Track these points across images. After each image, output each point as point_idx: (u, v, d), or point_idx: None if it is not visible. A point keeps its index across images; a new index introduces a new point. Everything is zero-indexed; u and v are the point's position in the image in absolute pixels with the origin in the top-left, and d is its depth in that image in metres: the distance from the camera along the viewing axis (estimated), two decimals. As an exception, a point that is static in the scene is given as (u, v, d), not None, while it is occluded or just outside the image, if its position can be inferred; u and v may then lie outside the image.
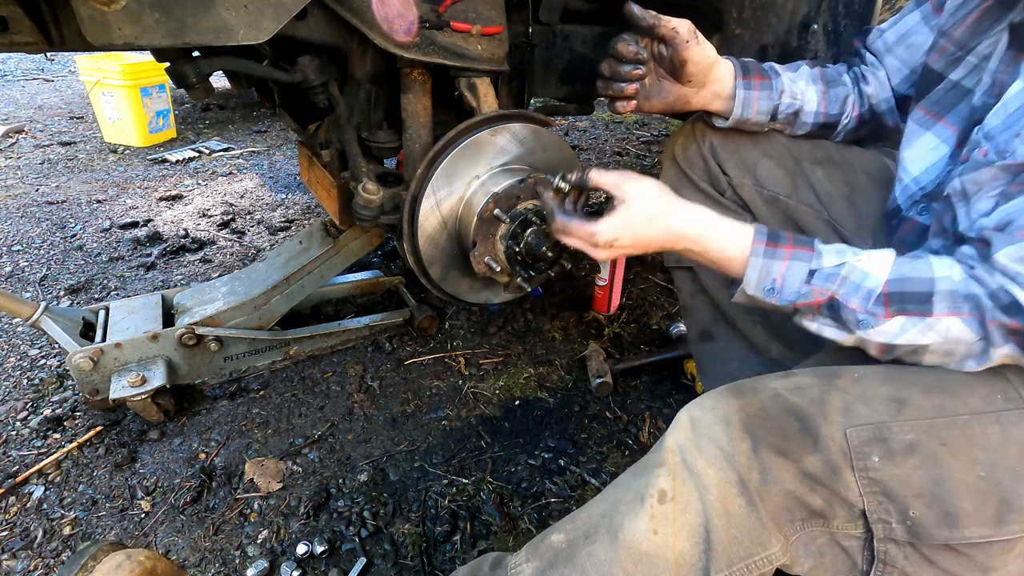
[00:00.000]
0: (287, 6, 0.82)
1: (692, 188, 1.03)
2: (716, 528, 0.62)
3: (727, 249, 0.72)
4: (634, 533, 0.64)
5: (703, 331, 1.12)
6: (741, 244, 0.71)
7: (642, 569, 0.63)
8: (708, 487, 0.63)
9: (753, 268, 0.71)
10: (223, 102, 4.05)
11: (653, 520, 0.64)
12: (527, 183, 1.09)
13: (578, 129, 3.74)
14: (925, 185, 0.82)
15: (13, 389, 1.39)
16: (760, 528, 0.62)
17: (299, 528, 1.08)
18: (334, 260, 1.43)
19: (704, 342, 1.12)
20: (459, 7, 1.02)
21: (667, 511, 0.64)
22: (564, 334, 1.65)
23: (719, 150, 0.99)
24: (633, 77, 0.87)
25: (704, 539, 0.63)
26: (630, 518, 0.66)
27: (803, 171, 0.95)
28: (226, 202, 2.49)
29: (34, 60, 5.25)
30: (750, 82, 0.90)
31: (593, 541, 0.67)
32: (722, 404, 0.66)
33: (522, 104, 1.27)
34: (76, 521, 1.08)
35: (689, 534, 0.63)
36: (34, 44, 0.82)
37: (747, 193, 0.98)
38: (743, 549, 0.62)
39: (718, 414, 0.65)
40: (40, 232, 2.17)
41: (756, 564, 0.63)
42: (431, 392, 1.42)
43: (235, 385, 1.41)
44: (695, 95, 0.91)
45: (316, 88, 1.06)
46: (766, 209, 0.98)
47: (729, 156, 0.98)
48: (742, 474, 0.62)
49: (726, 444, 0.63)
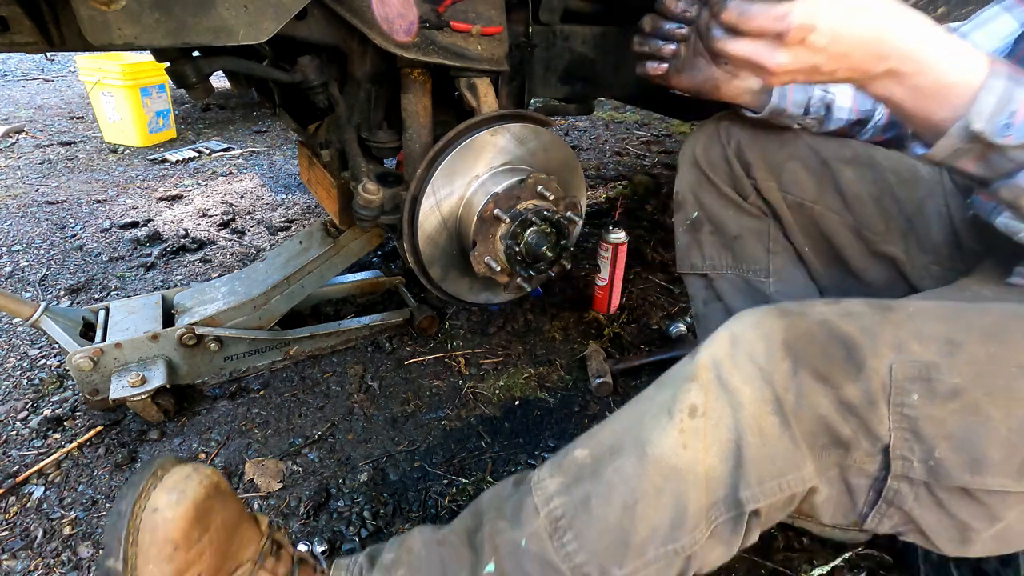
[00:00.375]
0: (287, 6, 0.82)
1: (713, 191, 1.01)
2: (749, 445, 0.61)
3: (949, 72, 0.56)
4: (662, 447, 0.63)
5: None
6: (971, 64, 0.56)
7: (671, 484, 0.62)
8: (743, 404, 0.61)
9: (991, 93, 0.55)
10: (223, 102, 4.06)
11: (683, 435, 0.62)
12: (527, 183, 1.09)
13: (578, 129, 3.74)
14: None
15: (13, 389, 1.39)
16: (794, 449, 0.61)
17: (299, 528, 1.08)
18: (334, 260, 1.43)
19: None
20: (459, 7, 1.02)
21: (697, 426, 0.62)
22: (564, 334, 1.65)
23: (746, 152, 0.96)
24: (676, 36, 0.82)
25: (735, 455, 0.61)
26: (658, 432, 0.64)
27: (830, 172, 0.93)
28: (226, 202, 2.49)
29: (34, 60, 5.25)
30: None
31: (619, 456, 0.66)
32: (767, 322, 0.64)
33: (522, 104, 1.27)
34: (76, 521, 1.08)
35: (720, 450, 0.62)
36: (34, 44, 0.82)
37: (773, 197, 0.96)
38: (776, 468, 0.61)
39: (761, 331, 0.63)
40: (40, 232, 2.17)
41: (789, 483, 0.62)
42: (431, 392, 1.42)
43: (235, 385, 1.41)
44: (726, 82, 0.88)
45: (316, 88, 1.06)
46: (791, 214, 0.96)
47: (756, 157, 0.96)
48: (779, 394, 0.61)
49: (765, 363, 0.61)
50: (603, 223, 2.03)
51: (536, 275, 1.17)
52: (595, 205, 2.50)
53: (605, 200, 2.57)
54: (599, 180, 2.84)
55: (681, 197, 1.09)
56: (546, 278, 1.22)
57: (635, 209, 2.43)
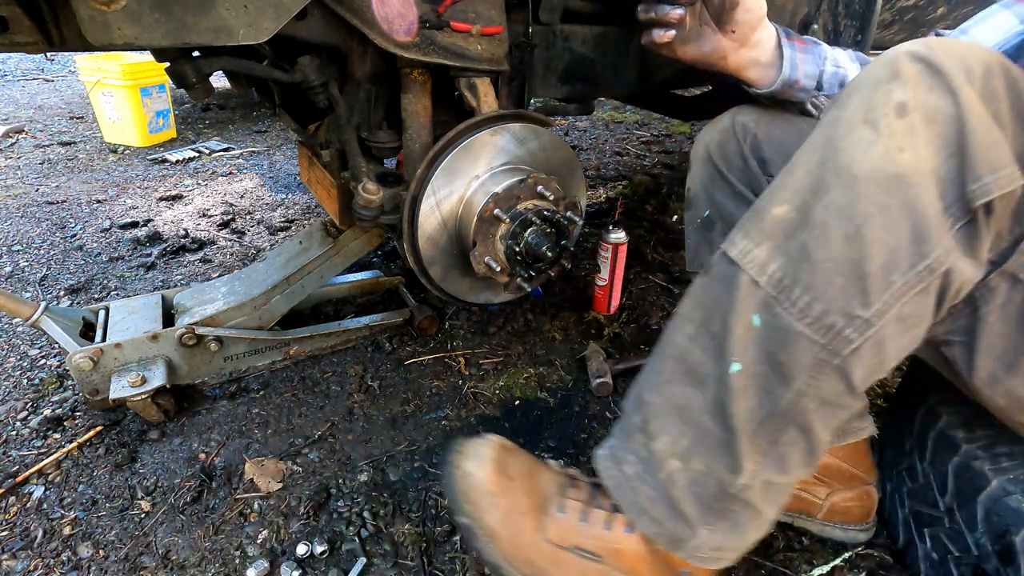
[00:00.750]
0: (287, 6, 0.82)
1: (727, 189, 0.99)
2: (974, 131, 0.53)
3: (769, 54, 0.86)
4: (873, 161, 0.55)
5: None
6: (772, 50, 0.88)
7: (897, 194, 0.54)
8: (960, 88, 0.54)
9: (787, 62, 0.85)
10: (223, 102, 4.06)
11: (893, 138, 0.54)
12: (527, 183, 1.09)
13: (578, 129, 3.74)
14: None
15: (13, 389, 1.39)
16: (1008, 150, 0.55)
17: (299, 528, 1.08)
18: (334, 260, 1.43)
19: None
20: (459, 7, 1.02)
21: (910, 123, 0.54)
22: (564, 334, 1.65)
23: (763, 147, 0.94)
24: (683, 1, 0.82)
25: (958, 147, 0.54)
26: (860, 149, 0.56)
27: None
28: (226, 202, 2.49)
29: (34, 60, 5.25)
30: (794, 44, 0.87)
31: (824, 193, 0.58)
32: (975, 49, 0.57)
33: (522, 104, 1.27)
34: (76, 521, 1.08)
35: (943, 143, 0.54)
36: (34, 44, 0.82)
37: None
38: (1000, 160, 0.54)
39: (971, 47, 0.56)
40: (40, 232, 2.17)
41: (1008, 178, 0.55)
42: (431, 392, 1.42)
43: (235, 385, 1.41)
44: (733, 52, 0.87)
45: (316, 88, 1.06)
46: None
47: (774, 156, 0.94)
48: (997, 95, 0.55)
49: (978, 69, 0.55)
50: (603, 223, 2.03)
51: (536, 275, 1.17)
52: (595, 205, 2.50)
53: (605, 200, 2.57)
54: (599, 180, 2.84)
55: (692, 194, 1.07)
56: (546, 278, 1.22)
57: (635, 209, 2.43)
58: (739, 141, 0.96)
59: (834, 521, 1.06)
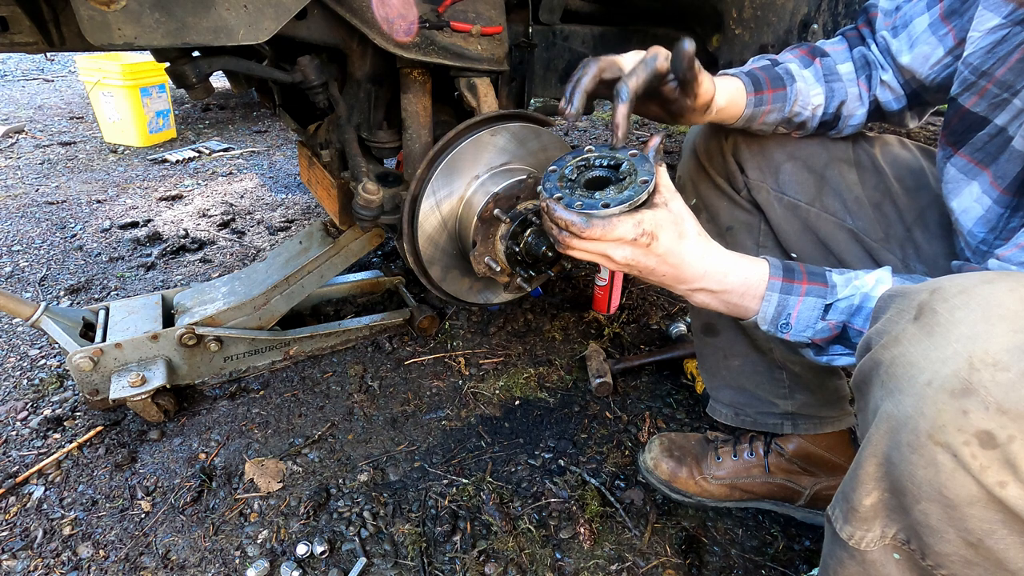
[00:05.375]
0: (287, 6, 0.82)
1: (708, 181, 1.02)
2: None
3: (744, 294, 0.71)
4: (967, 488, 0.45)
5: (707, 324, 1.12)
6: (757, 284, 0.70)
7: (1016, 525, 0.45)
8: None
9: (769, 304, 0.70)
10: (223, 102, 4.06)
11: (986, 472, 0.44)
12: (527, 183, 1.09)
13: (578, 129, 3.74)
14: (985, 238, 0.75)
15: (13, 389, 1.39)
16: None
17: (299, 528, 1.08)
18: (334, 260, 1.43)
19: (708, 335, 1.12)
20: (459, 7, 1.02)
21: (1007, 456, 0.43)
22: (564, 334, 1.65)
23: (742, 148, 0.96)
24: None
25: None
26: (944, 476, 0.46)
27: (834, 174, 0.92)
28: (226, 202, 2.49)
29: (34, 60, 5.25)
30: (762, 97, 0.86)
31: None
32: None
33: (522, 104, 1.27)
34: (76, 521, 1.08)
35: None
36: (34, 44, 0.82)
37: (763, 197, 0.96)
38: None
39: None
40: (40, 232, 2.17)
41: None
42: (431, 392, 1.42)
43: (235, 385, 1.41)
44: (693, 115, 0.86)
45: (316, 88, 1.06)
46: (783, 215, 0.95)
47: (752, 156, 0.96)
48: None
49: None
50: (603, 223, 2.03)
51: (536, 275, 1.17)
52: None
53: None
54: (599, 180, 2.83)
55: (682, 183, 1.11)
56: (546, 278, 1.22)
57: (635, 209, 2.42)
58: (720, 139, 0.99)
59: (817, 508, 1.12)
